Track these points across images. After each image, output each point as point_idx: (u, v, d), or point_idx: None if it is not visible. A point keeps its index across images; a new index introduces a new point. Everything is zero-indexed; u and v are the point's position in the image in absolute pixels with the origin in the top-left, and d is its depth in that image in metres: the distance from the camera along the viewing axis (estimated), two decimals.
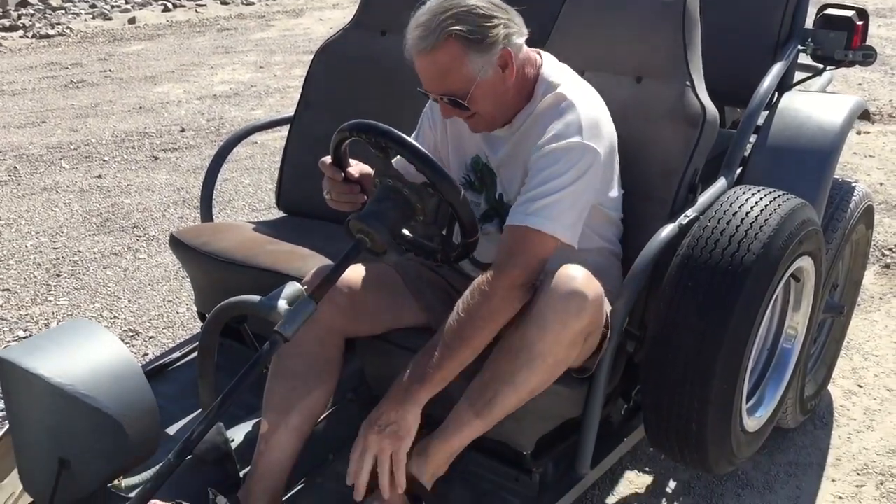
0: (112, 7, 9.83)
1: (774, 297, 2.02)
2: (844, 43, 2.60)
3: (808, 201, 2.23)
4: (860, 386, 2.98)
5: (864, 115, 2.64)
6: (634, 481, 2.55)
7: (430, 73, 1.78)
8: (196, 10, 9.79)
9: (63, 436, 1.51)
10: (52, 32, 8.65)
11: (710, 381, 1.75)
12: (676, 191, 2.05)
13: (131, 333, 3.17)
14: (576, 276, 1.68)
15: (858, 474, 2.59)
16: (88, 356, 1.53)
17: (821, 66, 2.69)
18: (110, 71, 6.95)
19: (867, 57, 2.60)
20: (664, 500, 2.48)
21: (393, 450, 1.67)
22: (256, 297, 1.62)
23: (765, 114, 2.45)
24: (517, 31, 1.82)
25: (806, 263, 2.00)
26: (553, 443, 1.99)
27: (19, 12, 9.41)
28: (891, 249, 3.85)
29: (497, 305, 1.70)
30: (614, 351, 1.86)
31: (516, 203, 1.78)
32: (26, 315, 3.30)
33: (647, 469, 2.60)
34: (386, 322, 1.93)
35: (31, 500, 1.65)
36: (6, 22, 8.99)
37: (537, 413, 1.84)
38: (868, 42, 2.66)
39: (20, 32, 8.72)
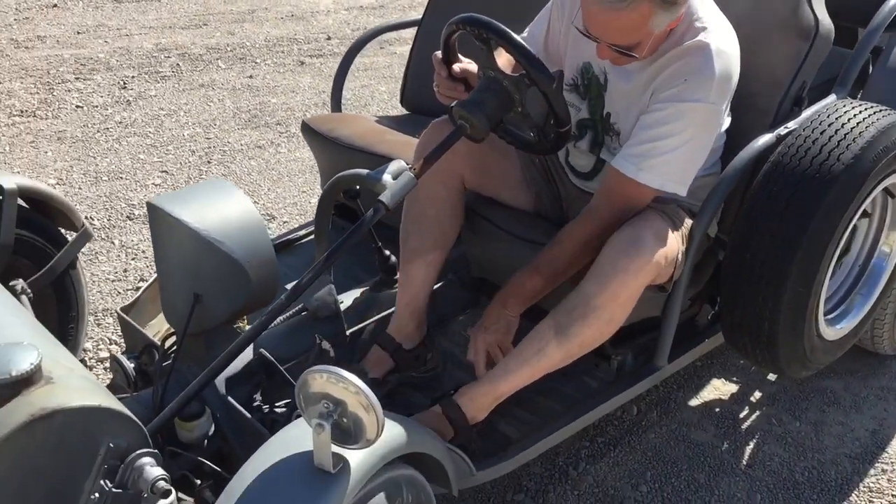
0: None
1: (865, 210, 2.07)
2: None
3: None
4: None
5: None
6: (720, 388, 2.65)
7: (608, 27, 1.72)
8: None
9: (197, 274, 1.77)
10: None
11: (785, 282, 1.83)
12: (780, 102, 2.08)
13: (267, 217, 3.47)
14: (641, 236, 1.76)
15: None
16: (223, 209, 1.78)
17: None
18: None
19: None
20: (747, 407, 2.58)
21: (499, 341, 1.92)
22: (366, 171, 1.82)
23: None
24: None
25: None
26: (634, 335, 2.12)
27: None
28: None
29: (591, 245, 1.84)
30: (696, 257, 1.95)
31: (630, 145, 1.82)
32: None
33: (734, 379, 2.69)
34: (496, 185, 2.09)
35: (173, 330, 1.94)
36: None
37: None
38: None
39: None
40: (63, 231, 2.33)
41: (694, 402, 2.59)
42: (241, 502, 1.27)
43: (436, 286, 2.28)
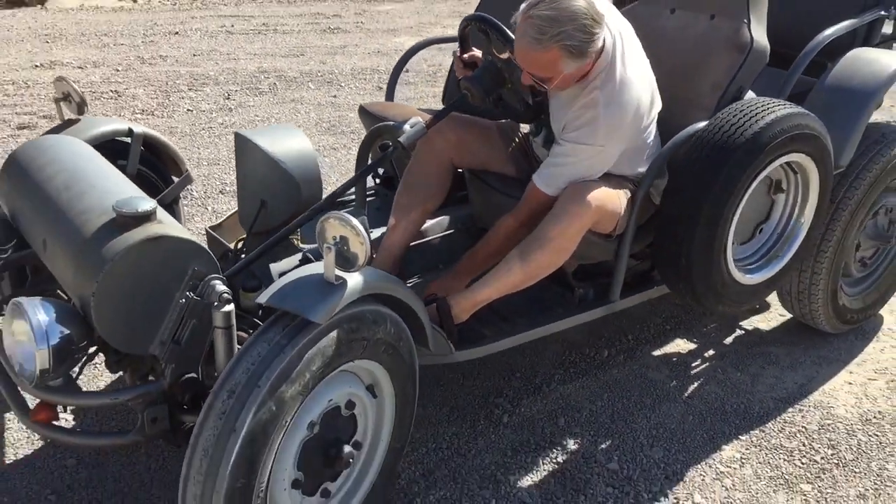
0: None
1: (780, 185, 2.65)
2: None
3: (843, 129, 2.80)
4: None
5: None
6: (681, 345, 3.20)
7: (527, 61, 2.24)
8: None
9: (265, 185, 2.47)
10: None
11: (696, 224, 2.41)
12: (719, 101, 2.69)
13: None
14: (586, 190, 2.35)
15: (875, 372, 3.08)
16: (288, 142, 2.49)
17: None
18: (362, 23, 8.18)
19: None
20: (699, 359, 3.12)
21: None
22: (393, 122, 2.50)
23: None
24: (602, 37, 2.24)
25: (802, 160, 2.58)
26: (593, 275, 2.72)
27: None
28: None
29: (515, 238, 2.45)
30: (640, 214, 2.54)
31: (543, 168, 2.41)
32: None
33: (694, 339, 3.24)
34: (481, 159, 2.73)
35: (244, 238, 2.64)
36: None
37: (577, 253, 2.55)
38: None
39: None
40: (172, 176, 3.07)
41: (656, 353, 3.15)
42: (273, 295, 1.92)
43: (445, 233, 2.93)
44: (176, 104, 5.49)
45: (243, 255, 2.57)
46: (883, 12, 3.10)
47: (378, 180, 3.18)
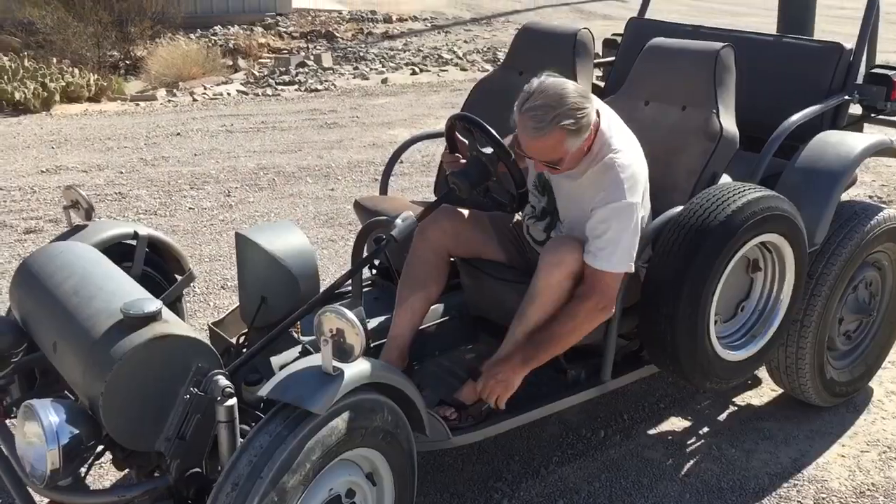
0: (371, 70, 11.55)
1: (758, 264, 2.77)
2: (885, 95, 3.24)
3: (814, 208, 2.93)
4: None
5: (892, 154, 3.25)
6: (676, 423, 3.27)
7: (535, 150, 2.43)
8: (438, 74, 11.27)
9: (265, 282, 2.58)
10: (319, 87, 10.42)
11: (678, 304, 2.52)
12: (695, 185, 2.83)
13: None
14: (560, 242, 2.52)
15: (867, 444, 3.14)
16: (287, 239, 2.62)
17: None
18: (357, 117, 8.44)
19: None
20: (694, 437, 3.18)
21: (501, 395, 2.56)
22: (385, 217, 2.63)
23: None
24: (594, 112, 2.46)
25: (776, 240, 2.70)
26: (585, 356, 2.81)
27: (298, 71, 11.32)
28: None
29: (581, 323, 2.49)
30: (626, 295, 2.65)
31: (593, 246, 2.46)
32: None
33: (689, 417, 3.30)
34: (474, 248, 2.84)
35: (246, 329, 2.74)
36: (286, 78, 10.92)
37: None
38: None
39: (296, 86, 10.57)
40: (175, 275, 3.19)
41: (652, 432, 3.21)
42: (274, 388, 2.01)
43: (440, 321, 3.03)
44: (178, 203, 5.66)
45: (245, 350, 2.67)
46: (847, 97, 3.27)
47: (374, 271, 3.30)
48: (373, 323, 2.95)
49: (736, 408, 3.38)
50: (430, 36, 14.13)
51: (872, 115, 3.33)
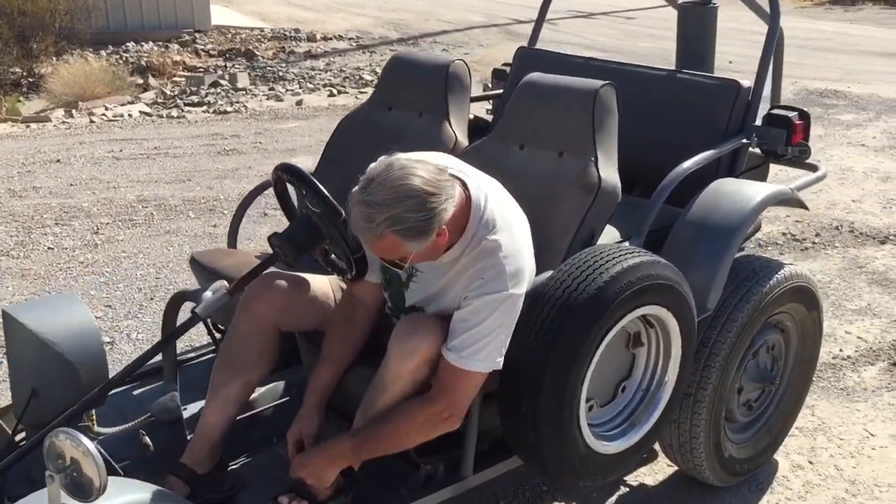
0: (287, 91, 11.06)
1: (640, 338, 2.38)
2: (785, 139, 2.90)
3: (706, 269, 2.56)
4: (811, 462, 3.13)
5: (794, 205, 2.92)
6: None
7: (369, 245, 2.03)
8: (356, 96, 10.83)
9: (35, 371, 2.10)
10: (229, 109, 9.89)
11: (539, 396, 2.11)
12: (569, 246, 2.43)
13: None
14: (415, 326, 2.09)
15: None
16: (64, 317, 2.14)
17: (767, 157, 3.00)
18: (260, 143, 7.95)
19: (802, 153, 2.89)
20: None
21: (316, 483, 2.16)
22: (195, 288, 2.18)
23: None
24: (451, 201, 1.99)
25: (658, 313, 2.31)
26: (442, 449, 2.38)
27: (208, 92, 10.77)
28: None
29: (419, 428, 2.09)
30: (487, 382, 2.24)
31: (452, 340, 2.04)
32: (116, 326, 4.04)
33: (575, 501, 2.90)
34: (313, 321, 2.40)
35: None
36: (195, 98, 10.36)
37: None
38: None
39: (204, 108, 10.03)
40: None
41: None
42: None
43: (279, 402, 2.58)
44: (37, 241, 5.10)
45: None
46: (744, 140, 2.93)
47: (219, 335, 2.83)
48: (192, 409, 2.49)
49: (628, 489, 2.99)
50: (355, 56, 13.70)
51: (773, 160, 2.99)
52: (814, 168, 3.40)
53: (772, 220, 5.48)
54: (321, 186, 2.15)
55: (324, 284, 2.44)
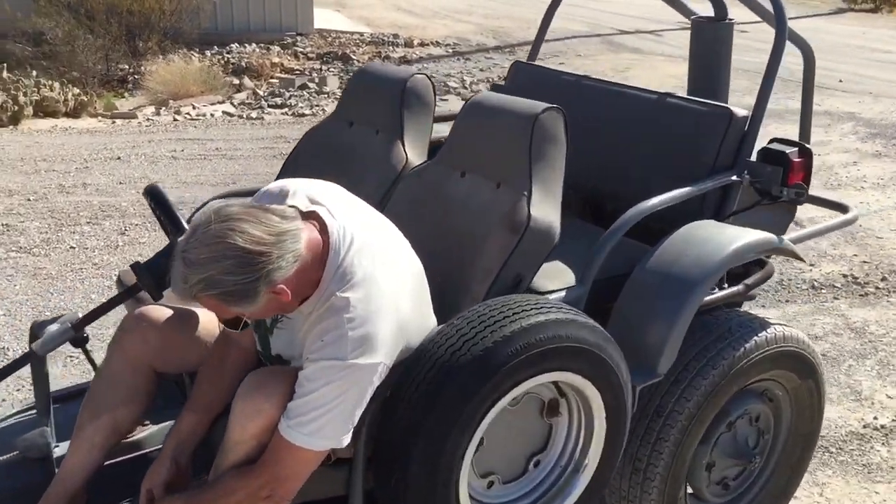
0: None
1: (555, 408, 2.05)
2: (780, 178, 2.50)
3: (660, 326, 2.21)
4: None
5: (787, 254, 2.51)
6: None
7: (201, 304, 1.77)
8: (437, 104, 10.66)
9: None
10: (307, 112, 9.89)
11: (408, 467, 1.82)
12: (489, 290, 2.13)
13: None
14: (261, 382, 1.83)
15: None
16: None
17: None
18: None
19: (798, 195, 2.48)
20: None
21: None
22: (48, 319, 2.00)
23: None
24: (291, 256, 1.71)
25: (574, 381, 1.98)
26: None
27: (291, 94, 10.82)
28: None
29: (240, 502, 1.81)
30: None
31: (292, 407, 1.77)
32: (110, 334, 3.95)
33: None
34: (192, 363, 2.19)
35: None
36: (279, 100, 10.42)
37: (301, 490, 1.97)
38: None
39: (285, 109, 10.07)
40: None
41: None
42: None
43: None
44: (62, 240, 5.11)
45: None
46: (735, 177, 2.54)
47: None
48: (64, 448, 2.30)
49: None
50: (448, 62, 13.52)
51: (766, 202, 2.58)
52: (844, 209, 2.98)
53: (835, 260, 4.94)
54: (178, 214, 1.94)
55: (212, 322, 2.22)
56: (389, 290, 1.82)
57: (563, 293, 2.23)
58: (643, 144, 2.74)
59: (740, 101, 8.60)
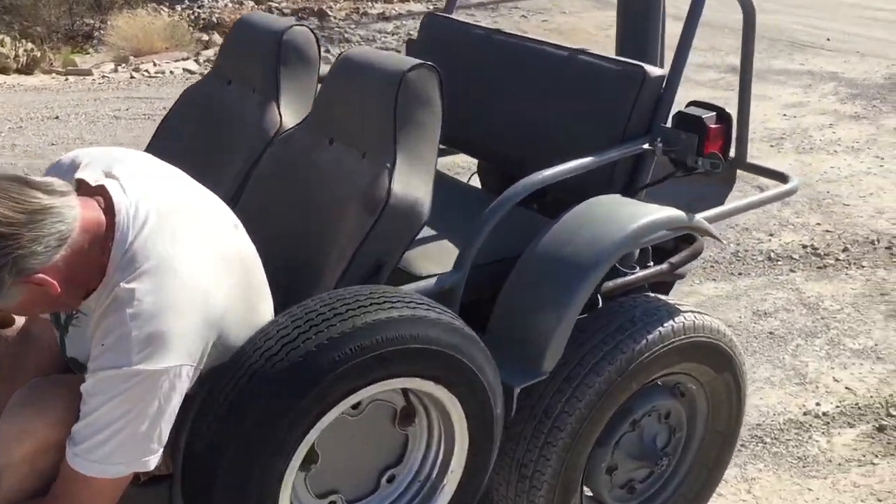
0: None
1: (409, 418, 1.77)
2: (696, 147, 2.20)
3: (541, 319, 1.94)
4: None
5: (701, 233, 2.23)
6: None
7: None
8: None
9: None
10: None
11: (212, 492, 1.54)
12: (339, 279, 1.85)
13: None
14: (33, 396, 1.56)
15: None
16: None
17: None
18: None
19: (714, 166, 2.18)
20: None
21: None
22: None
23: None
24: (52, 239, 1.42)
25: (425, 387, 1.70)
26: None
27: None
28: None
29: None
30: None
31: (75, 429, 1.49)
32: None
33: None
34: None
35: None
36: None
37: None
38: None
39: None
40: None
41: None
42: None
43: None
44: None
45: None
46: (646, 146, 2.24)
47: None
48: None
49: None
50: None
51: (680, 174, 2.28)
52: (784, 179, 2.69)
53: (796, 229, 4.65)
54: None
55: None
56: (193, 278, 1.52)
57: (432, 281, 1.94)
58: (552, 107, 2.44)
59: (723, 61, 8.21)
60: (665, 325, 2.12)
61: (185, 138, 2.60)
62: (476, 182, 2.96)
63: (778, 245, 4.46)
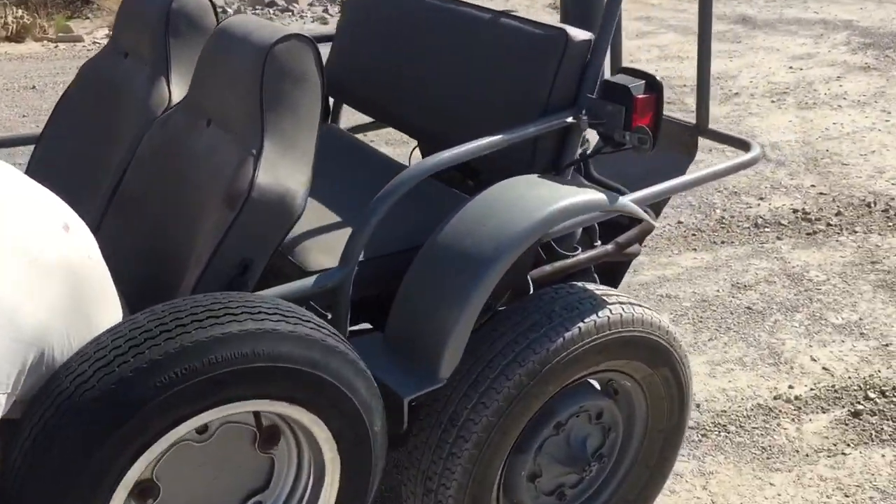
0: (338, 13, 10.33)
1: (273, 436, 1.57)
2: (623, 120, 1.95)
3: (436, 319, 1.72)
4: None
5: (627, 214, 1.99)
6: None
7: None
8: None
9: None
10: None
11: None
12: (196, 284, 1.64)
13: None
14: None
15: None
16: None
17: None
18: None
19: (641, 141, 1.93)
20: None
21: None
22: None
23: None
24: None
25: (277, 409, 1.49)
26: None
27: (255, 11, 10.14)
28: (882, 393, 2.87)
29: None
30: None
31: None
32: None
33: None
34: None
35: None
36: None
37: None
38: None
39: None
40: None
41: None
42: None
43: None
44: None
45: None
46: (571, 119, 1.99)
47: None
48: None
49: None
50: None
51: (607, 150, 2.03)
52: (746, 147, 2.46)
53: (789, 192, 4.36)
54: None
55: None
56: None
57: (310, 281, 1.73)
58: (472, 77, 2.19)
59: (734, 11, 7.74)
60: (586, 320, 1.89)
61: (81, 115, 2.40)
62: (418, 156, 2.74)
63: (767, 210, 4.18)
